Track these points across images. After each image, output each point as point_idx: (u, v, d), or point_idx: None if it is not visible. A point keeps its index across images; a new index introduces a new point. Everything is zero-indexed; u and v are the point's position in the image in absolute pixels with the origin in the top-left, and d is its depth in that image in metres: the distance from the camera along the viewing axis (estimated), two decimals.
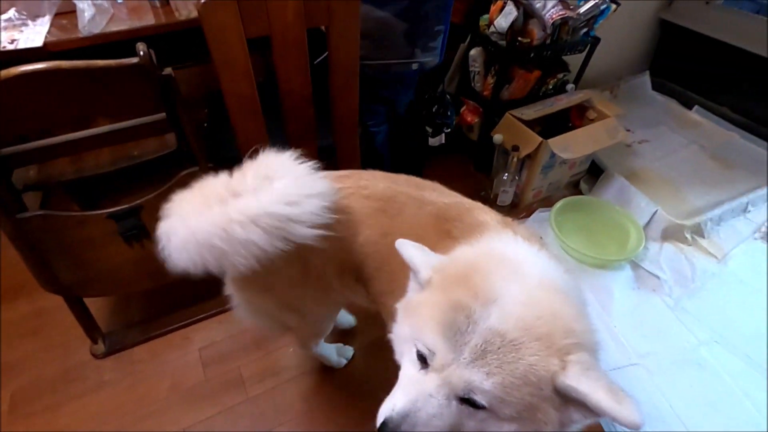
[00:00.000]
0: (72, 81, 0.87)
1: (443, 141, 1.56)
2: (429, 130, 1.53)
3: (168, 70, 0.94)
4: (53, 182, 1.08)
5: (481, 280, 0.54)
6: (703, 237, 1.58)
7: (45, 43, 1.07)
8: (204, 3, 0.90)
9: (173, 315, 1.34)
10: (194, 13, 1.22)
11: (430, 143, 1.56)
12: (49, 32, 1.10)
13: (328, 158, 1.28)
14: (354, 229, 0.77)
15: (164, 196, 1.11)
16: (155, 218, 1.12)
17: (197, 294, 1.37)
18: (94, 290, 1.19)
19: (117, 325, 1.32)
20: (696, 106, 2.17)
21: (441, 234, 0.72)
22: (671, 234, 1.56)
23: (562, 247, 1.52)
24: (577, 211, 1.60)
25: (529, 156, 1.53)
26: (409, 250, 0.60)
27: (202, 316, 1.34)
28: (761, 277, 1.46)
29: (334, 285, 0.85)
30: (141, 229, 1.12)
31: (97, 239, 1.09)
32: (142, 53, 0.88)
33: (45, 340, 1.29)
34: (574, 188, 1.80)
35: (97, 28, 1.11)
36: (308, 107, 1.16)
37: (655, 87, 2.29)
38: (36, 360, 1.24)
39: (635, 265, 1.49)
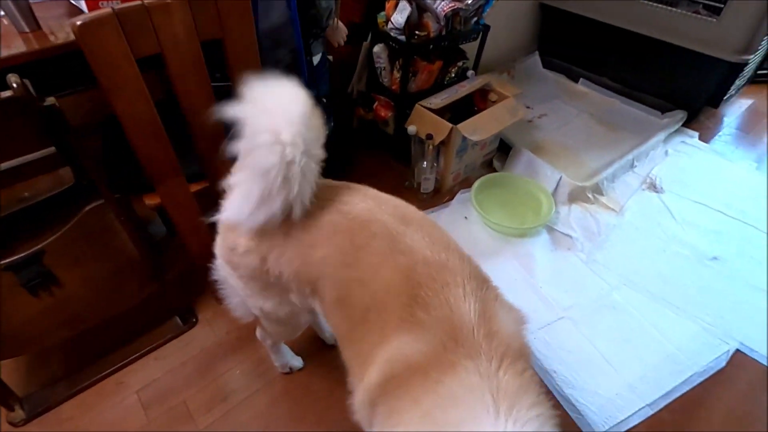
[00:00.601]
0: None
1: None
2: None
3: (51, 100, 0.87)
4: None
5: None
6: (602, 194, 1.77)
7: None
8: (80, 24, 0.84)
9: (101, 361, 1.23)
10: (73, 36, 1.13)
11: None
12: None
13: None
14: (315, 241, 0.72)
15: (68, 236, 1.03)
16: (62, 261, 1.04)
17: (126, 333, 1.28)
18: (7, 351, 1.06)
19: (35, 386, 1.19)
20: (581, 79, 2.41)
21: (404, 306, 0.61)
22: (576, 196, 1.72)
23: (485, 222, 1.62)
24: (494, 187, 1.72)
25: (443, 142, 1.60)
26: None
27: (134, 356, 1.24)
28: (652, 222, 1.67)
29: (292, 290, 0.81)
30: (46, 275, 1.02)
31: None
32: (15, 85, 0.80)
33: None
34: (489, 167, 1.93)
35: None
36: (215, 123, 1.13)
37: (545, 65, 2.50)
38: None
39: (550, 229, 1.64)
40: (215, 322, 1.35)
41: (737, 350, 1.29)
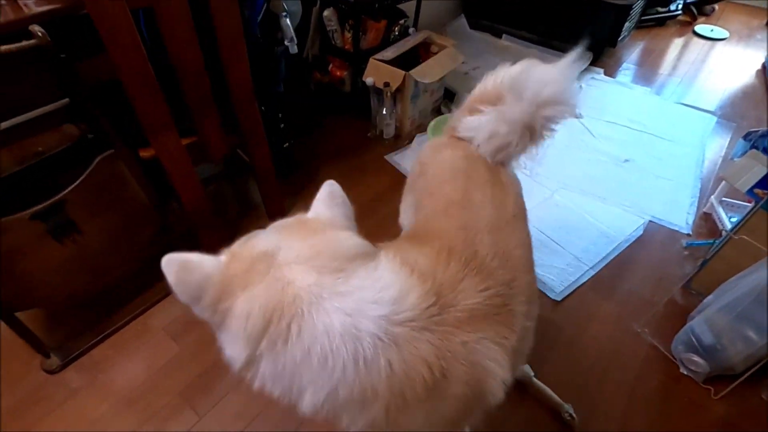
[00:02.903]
0: None
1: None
2: None
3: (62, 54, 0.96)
4: None
5: None
6: None
7: None
8: None
9: (123, 310, 1.33)
10: (45, 8, 1.18)
11: None
12: None
13: (233, 130, 1.38)
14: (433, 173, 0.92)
15: (84, 186, 1.12)
16: (82, 210, 1.13)
17: (140, 285, 1.38)
18: (35, 301, 1.14)
19: (60, 339, 1.26)
20: (504, 35, 2.73)
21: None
22: None
23: None
24: (446, 125, 1.96)
25: (399, 90, 1.82)
26: None
27: (153, 300, 1.35)
28: (576, 139, 2.01)
29: None
30: (71, 224, 1.11)
31: (25, 245, 1.06)
32: (40, 34, 0.89)
33: None
34: (438, 113, 2.17)
35: None
36: (203, 78, 1.22)
37: (471, 26, 2.79)
38: None
39: None
40: None
41: (650, 221, 1.65)
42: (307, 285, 0.53)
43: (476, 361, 0.56)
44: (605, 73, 2.49)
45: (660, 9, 2.99)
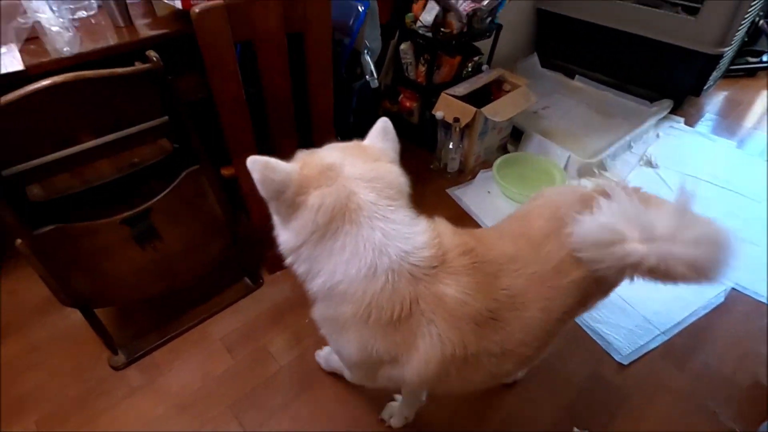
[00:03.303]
0: (88, 91, 0.94)
1: None
2: None
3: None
4: (62, 196, 1.10)
5: None
6: (606, 170, 2.00)
7: (27, 67, 1.10)
8: (199, 11, 1.02)
9: (185, 316, 1.38)
10: (155, 32, 1.30)
11: None
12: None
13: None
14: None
15: (170, 197, 1.20)
16: (164, 218, 1.20)
17: (204, 293, 1.44)
18: (111, 299, 1.21)
19: (127, 338, 1.33)
20: (577, 75, 2.67)
21: None
22: (584, 172, 1.95)
23: (507, 194, 1.83)
24: (512, 165, 1.93)
25: (468, 125, 1.82)
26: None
27: (215, 310, 1.40)
28: (651, 191, 1.90)
29: None
30: (153, 230, 1.18)
31: (111, 247, 1.14)
32: (155, 59, 0.98)
33: (52, 368, 1.27)
34: (504, 150, 2.15)
35: (76, 49, 1.16)
36: (289, 105, 1.28)
37: (543, 64, 2.76)
38: (51, 387, 1.22)
39: None
40: (278, 283, 1.51)
41: (733, 288, 1.51)
42: (368, 201, 0.66)
43: (420, 331, 0.68)
44: (685, 123, 2.36)
45: (750, 59, 2.82)
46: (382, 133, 0.75)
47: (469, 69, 2.04)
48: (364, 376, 0.86)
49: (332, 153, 0.70)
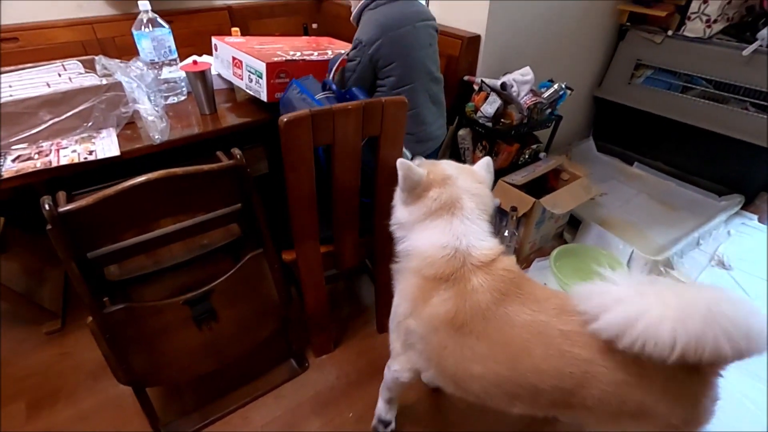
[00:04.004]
0: (174, 183, 1.00)
1: None
2: None
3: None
4: (135, 276, 1.15)
5: None
6: (673, 269, 1.87)
7: (121, 152, 1.20)
8: (286, 121, 1.06)
9: (228, 397, 1.36)
10: (238, 121, 1.39)
11: None
12: None
13: (368, 243, 1.43)
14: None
15: (232, 279, 1.22)
16: (223, 299, 1.21)
17: (248, 373, 1.42)
18: (164, 378, 1.21)
19: (171, 414, 1.31)
20: (636, 162, 2.61)
21: None
22: (648, 269, 1.84)
23: (564, 288, 1.74)
24: (570, 256, 1.86)
25: (525, 214, 1.79)
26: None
27: (257, 394, 1.37)
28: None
29: None
30: (212, 312, 1.20)
31: (171, 326, 1.15)
32: (238, 156, 1.04)
33: None
34: (560, 238, 2.08)
35: (166, 137, 1.26)
36: (355, 199, 1.30)
37: (599, 149, 2.74)
38: None
39: None
40: (324, 368, 1.47)
41: None
42: (469, 207, 0.95)
43: (439, 290, 0.92)
44: (759, 220, 2.22)
45: None
46: (486, 166, 1.04)
47: (527, 156, 2.05)
48: (396, 336, 1.07)
49: (450, 168, 1.00)
